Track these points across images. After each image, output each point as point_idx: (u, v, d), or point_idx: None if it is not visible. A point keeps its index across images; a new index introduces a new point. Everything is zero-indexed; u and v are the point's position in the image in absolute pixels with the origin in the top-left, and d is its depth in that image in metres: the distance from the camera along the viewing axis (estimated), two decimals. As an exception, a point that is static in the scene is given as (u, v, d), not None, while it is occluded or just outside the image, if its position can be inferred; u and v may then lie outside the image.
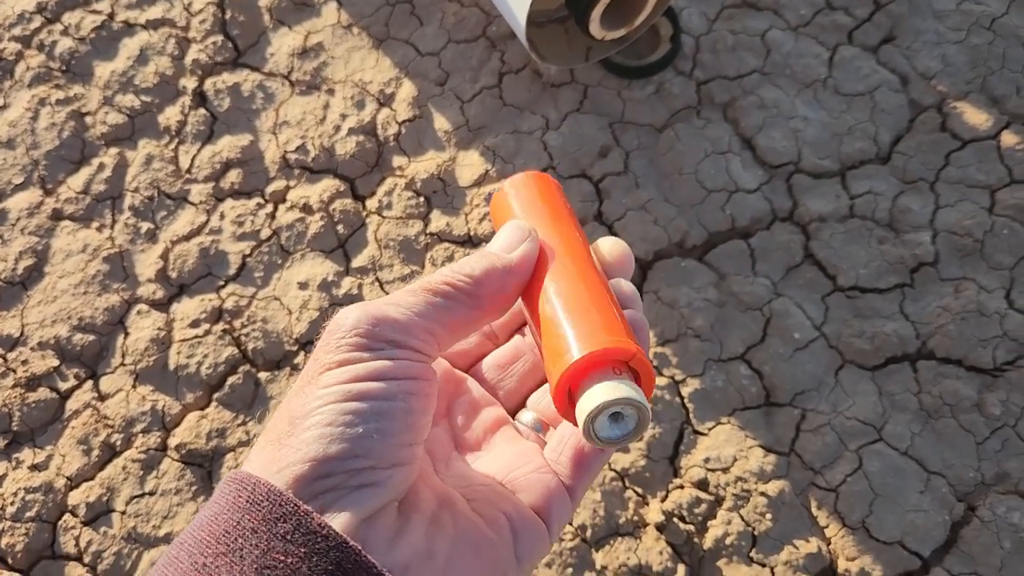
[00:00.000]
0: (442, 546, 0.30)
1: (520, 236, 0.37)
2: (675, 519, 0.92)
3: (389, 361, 0.31)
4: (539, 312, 0.36)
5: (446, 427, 0.39)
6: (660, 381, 0.97)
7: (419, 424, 0.31)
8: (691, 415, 0.96)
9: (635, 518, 0.92)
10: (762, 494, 0.91)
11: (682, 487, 0.93)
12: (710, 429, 0.96)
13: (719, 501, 0.92)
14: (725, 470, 0.93)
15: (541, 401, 0.41)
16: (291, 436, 0.29)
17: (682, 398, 0.97)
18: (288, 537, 0.27)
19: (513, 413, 0.41)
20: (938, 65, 1.10)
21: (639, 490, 0.94)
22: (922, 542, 0.89)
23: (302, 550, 0.27)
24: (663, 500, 0.93)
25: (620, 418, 0.32)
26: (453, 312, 0.34)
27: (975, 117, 1.06)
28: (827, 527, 0.91)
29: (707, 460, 0.94)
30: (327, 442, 0.29)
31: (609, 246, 0.39)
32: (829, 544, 0.90)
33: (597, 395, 0.31)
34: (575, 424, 0.34)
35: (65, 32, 1.23)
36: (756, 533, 0.90)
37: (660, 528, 0.91)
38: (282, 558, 0.27)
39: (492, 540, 0.32)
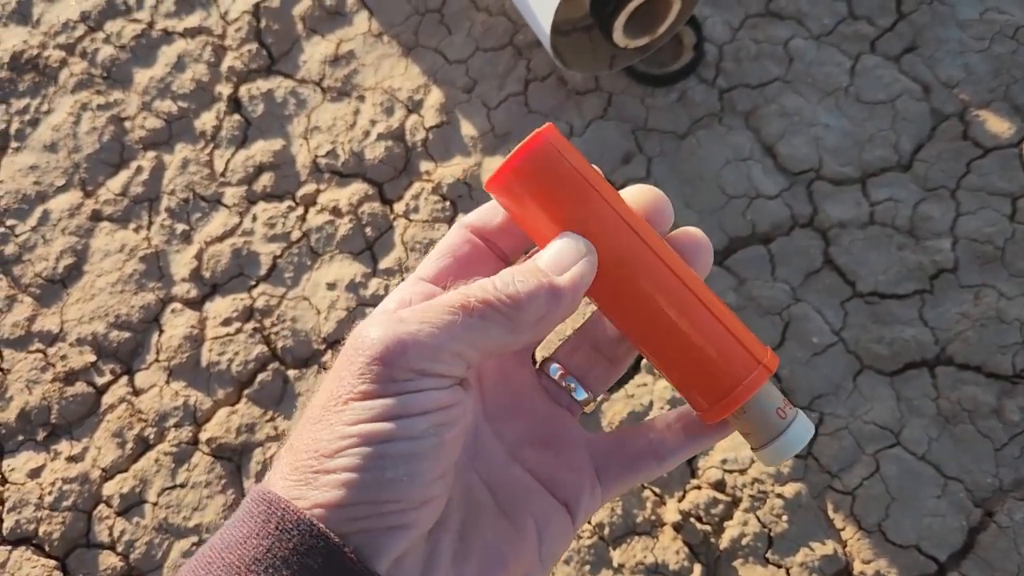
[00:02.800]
0: (471, 569, 0.31)
1: (574, 255, 0.32)
2: (692, 519, 0.93)
3: (416, 393, 0.29)
4: (662, 328, 0.33)
5: (476, 395, 0.37)
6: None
7: (451, 453, 0.30)
8: (709, 417, 0.98)
9: (652, 517, 0.94)
10: (779, 496, 0.93)
11: (699, 487, 0.95)
12: (728, 431, 0.97)
13: (736, 502, 0.94)
14: (742, 471, 0.94)
15: (566, 347, 0.39)
16: (317, 474, 0.28)
17: (701, 400, 0.98)
18: (320, 572, 0.26)
19: (543, 362, 0.39)
20: (960, 74, 1.10)
21: (657, 490, 0.95)
22: (939, 546, 0.89)
23: None
24: (680, 500, 0.94)
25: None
26: (488, 334, 0.30)
27: (997, 125, 1.07)
28: (843, 530, 0.91)
29: (724, 461, 0.95)
30: (355, 488, 0.28)
31: (687, 235, 0.35)
32: (845, 547, 0.91)
33: (800, 438, 0.34)
34: (716, 431, 0.36)
35: (107, 40, 1.28)
36: (772, 534, 0.91)
37: (677, 528, 0.93)
38: None
39: (518, 547, 0.32)
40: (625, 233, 0.32)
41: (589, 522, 0.93)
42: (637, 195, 0.34)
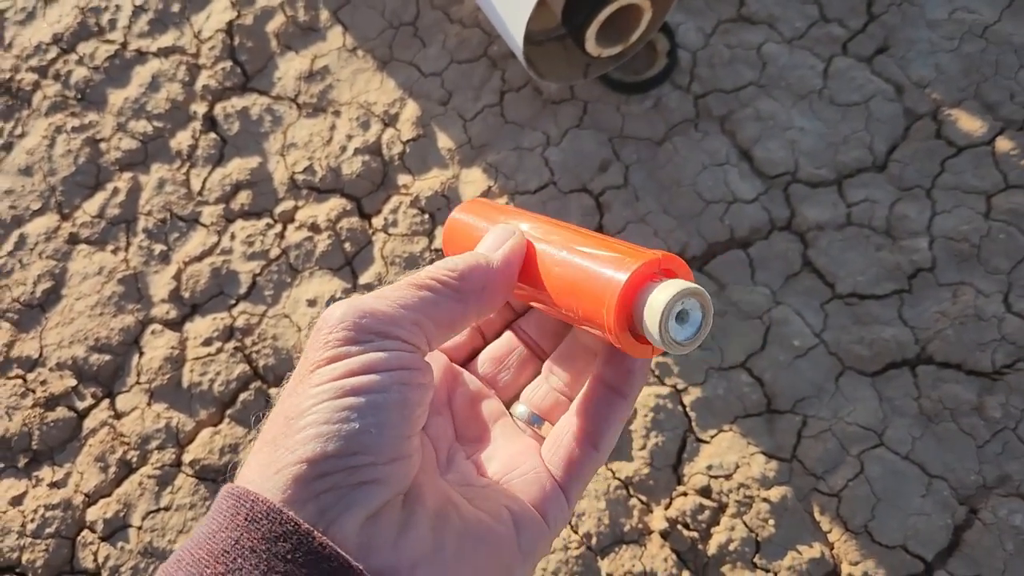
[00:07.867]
0: (450, 539, 0.30)
1: (505, 235, 0.37)
2: (679, 526, 0.93)
3: (379, 353, 0.30)
4: (555, 278, 0.35)
5: (448, 419, 0.39)
6: (662, 390, 0.99)
7: (415, 415, 0.31)
8: (693, 423, 0.98)
9: (640, 526, 0.94)
10: (765, 500, 0.93)
11: (685, 494, 0.95)
12: (712, 437, 0.97)
13: (722, 508, 0.94)
14: (728, 477, 0.94)
15: (534, 394, 0.41)
16: (287, 436, 0.29)
17: (684, 406, 0.98)
18: (289, 557, 0.27)
19: (509, 405, 0.41)
20: (932, 74, 1.11)
21: (643, 498, 0.95)
22: (925, 545, 0.90)
23: (304, 570, 0.27)
24: (667, 507, 0.94)
25: (686, 316, 0.32)
26: (439, 305, 0.33)
27: (969, 124, 1.08)
28: (830, 532, 0.92)
29: (710, 467, 0.95)
30: (324, 440, 0.28)
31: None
32: (832, 549, 0.91)
33: (660, 298, 0.31)
34: (643, 355, 0.34)
35: (80, 62, 1.27)
36: (759, 539, 0.91)
37: (664, 535, 0.93)
38: None
39: (497, 531, 0.32)
40: (523, 218, 0.40)
41: (576, 531, 0.93)
42: None
